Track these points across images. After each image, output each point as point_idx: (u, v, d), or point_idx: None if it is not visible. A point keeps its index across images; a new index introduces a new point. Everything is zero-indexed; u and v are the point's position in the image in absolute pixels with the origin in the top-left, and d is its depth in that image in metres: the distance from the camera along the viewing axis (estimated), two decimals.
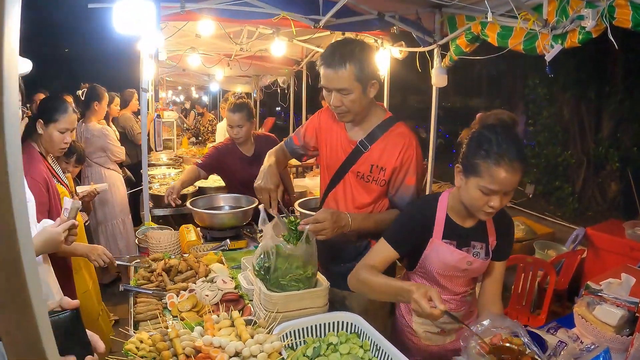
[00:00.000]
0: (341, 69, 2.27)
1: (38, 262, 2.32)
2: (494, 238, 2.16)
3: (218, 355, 1.74)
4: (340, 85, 2.31)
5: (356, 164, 2.54)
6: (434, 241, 2.12)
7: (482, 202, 1.91)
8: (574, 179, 8.21)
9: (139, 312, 2.31)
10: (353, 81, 2.30)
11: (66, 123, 2.97)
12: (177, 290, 2.50)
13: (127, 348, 1.83)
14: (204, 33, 4.94)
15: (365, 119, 2.53)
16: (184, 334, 1.89)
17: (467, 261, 2.12)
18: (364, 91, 2.35)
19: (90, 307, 3.36)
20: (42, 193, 2.73)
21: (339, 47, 2.33)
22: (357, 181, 2.55)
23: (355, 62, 2.28)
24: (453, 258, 2.11)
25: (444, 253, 2.12)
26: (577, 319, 2.36)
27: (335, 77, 2.30)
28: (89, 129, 5.51)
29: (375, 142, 2.49)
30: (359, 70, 2.29)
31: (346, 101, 2.35)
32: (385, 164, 2.46)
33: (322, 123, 2.72)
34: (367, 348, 1.94)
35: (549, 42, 3.18)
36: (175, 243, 3.17)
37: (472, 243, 2.14)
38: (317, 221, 2.28)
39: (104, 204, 5.58)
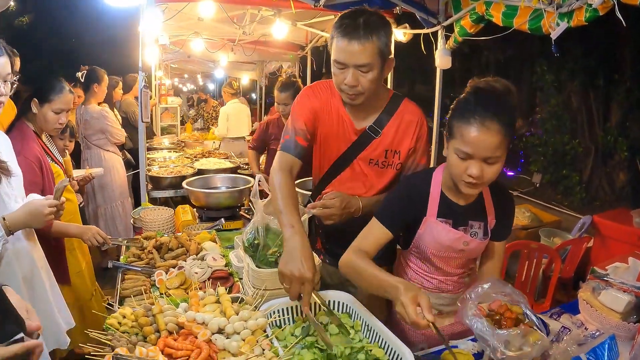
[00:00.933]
0: (367, 40, 1.96)
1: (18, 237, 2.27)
2: (493, 217, 2.02)
3: (201, 331, 1.69)
4: (363, 60, 2.00)
5: (366, 150, 2.30)
6: (428, 220, 1.98)
7: (459, 168, 1.78)
8: (582, 168, 8.09)
9: (125, 287, 2.26)
10: (376, 56, 2.01)
11: (61, 103, 2.92)
12: (167, 267, 2.45)
13: (108, 323, 1.78)
14: (205, 15, 4.87)
15: (373, 100, 2.23)
16: (168, 309, 1.84)
17: (463, 241, 1.98)
18: (382, 69, 2.07)
19: (83, 288, 3.32)
20: (35, 172, 2.69)
21: (360, 16, 2.01)
22: (370, 168, 2.33)
23: (380, 34, 1.99)
24: (448, 238, 1.98)
25: (439, 232, 1.98)
26: (581, 304, 2.27)
27: (359, 50, 1.97)
28: (88, 111, 5.47)
29: (386, 126, 2.27)
30: (383, 44, 2.01)
31: (364, 80, 2.04)
32: (399, 146, 2.27)
33: (315, 107, 2.32)
34: (358, 328, 1.88)
35: (554, 20, 3.08)
36: (169, 222, 3.12)
37: (470, 222, 2.00)
38: (326, 206, 2.18)
39: (103, 186, 5.54)
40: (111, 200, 5.63)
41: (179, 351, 1.61)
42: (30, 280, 2.32)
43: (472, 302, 1.68)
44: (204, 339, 1.66)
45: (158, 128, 9.02)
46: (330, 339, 1.79)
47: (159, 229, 3.04)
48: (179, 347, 1.63)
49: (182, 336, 1.71)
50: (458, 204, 1.99)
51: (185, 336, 1.71)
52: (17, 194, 2.29)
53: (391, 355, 1.69)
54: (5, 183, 2.18)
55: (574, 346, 1.94)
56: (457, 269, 2.13)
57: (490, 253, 2.10)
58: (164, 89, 10.09)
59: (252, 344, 1.64)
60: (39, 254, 2.46)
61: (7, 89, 2.11)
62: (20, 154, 2.58)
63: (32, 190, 2.59)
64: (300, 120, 2.28)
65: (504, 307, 1.69)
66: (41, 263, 2.46)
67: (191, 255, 2.58)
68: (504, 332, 1.59)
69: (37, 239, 2.49)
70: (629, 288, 2.17)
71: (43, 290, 2.39)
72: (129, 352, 1.57)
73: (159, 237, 2.74)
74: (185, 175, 4.73)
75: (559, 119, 8.22)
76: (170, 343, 1.64)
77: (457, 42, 4.40)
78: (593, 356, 1.86)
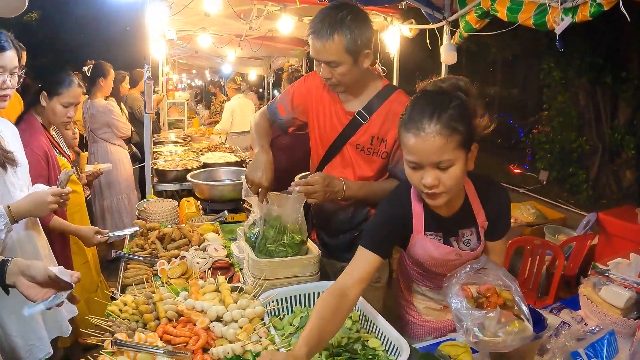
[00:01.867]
0: (329, 40, 2.06)
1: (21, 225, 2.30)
2: (484, 219, 1.90)
3: (199, 318, 1.71)
4: (327, 57, 2.11)
5: (355, 135, 2.37)
6: (416, 236, 1.89)
7: (415, 179, 1.66)
8: (589, 166, 8.01)
9: (127, 276, 2.29)
10: (342, 53, 2.09)
11: (70, 97, 2.95)
12: (169, 257, 2.47)
13: (109, 309, 1.81)
14: (211, 10, 4.88)
15: (361, 88, 2.34)
16: (168, 297, 1.86)
17: (455, 254, 1.90)
18: (355, 62, 2.15)
19: (88, 279, 3.36)
20: (41, 165, 2.72)
21: (327, 15, 2.11)
22: (357, 154, 2.40)
23: (345, 32, 2.06)
24: (439, 252, 1.90)
25: (429, 247, 1.90)
26: (582, 299, 2.26)
27: (322, 48, 2.09)
28: (94, 105, 5.50)
29: (374, 113, 2.32)
30: (349, 42, 2.08)
31: (336, 74, 2.16)
32: (386, 135, 2.32)
33: (310, 91, 2.48)
34: (355, 319, 1.89)
35: (559, 15, 3.07)
36: (172, 213, 3.15)
37: (460, 231, 1.91)
38: (309, 184, 2.19)
39: (109, 180, 5.58)
40: (117, 194, 5.67)
41: (177, 338, 1.64)
42: None
43: (457, 280, 1.62)
44: (202, 327, 1.69)
45: (165, 123, 9.06)
46: None
47: (162, 220, 3.06)
48: (177, 334, 1.65)
49: (181, 323, 1.74)
50: (444, 216, 1.87)
51: (185, 323, 1.74)
52: (23, 184, 2.32)
53: (388, 346, 1.70)
54: (11, 172, 2.21)
55: (572, 341, 1.93)
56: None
57: (491, 251, 2.00)
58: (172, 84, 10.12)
59: (249, 331, 1.66)
60: (42, 243, 2.49)
61: (13, 82, 2.14)
62: (28, 147, 2.61)
63: (39, 182, 2.62)
64: (289, 94, 2.55)
65: (492, 290, 1.60)
66: (45, 252, 2.48)
67: (193, 246, 2.60)
68: (479, 313, 1.51)
69: (41, 228, 2.52)
70: (630, 284, 2.15)
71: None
72: (128, 338, 1.59)
73: (162, 228, 2.76)
74: (190, 169, 4.75)
75: (566, 116, 8.15)
76: (169, 330, 1.67)
77: (462, 37, 4.39)
78: (592, 351, 1.85)
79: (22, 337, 2.25)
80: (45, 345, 2.35)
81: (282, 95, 2.60)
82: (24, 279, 1.49)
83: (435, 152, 1.56)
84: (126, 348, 1.51)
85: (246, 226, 2.24)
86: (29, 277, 1.50)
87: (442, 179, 1.60)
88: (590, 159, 8.01)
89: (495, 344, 1.48)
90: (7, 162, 2.16)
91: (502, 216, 1.95)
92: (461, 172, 1.62)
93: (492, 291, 1.59)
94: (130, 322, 1.75)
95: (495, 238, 1.96)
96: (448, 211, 1.85)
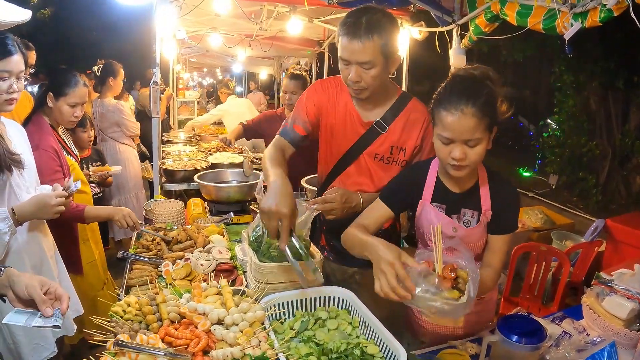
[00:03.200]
0: (368, 40, 2.04)
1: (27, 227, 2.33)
2: (489, 208, 2.02)
3: (201, 321, 1.73)
4: (364, 58, 2.08)
5: (372, 145, 2.36)
6: (423, 203, 2.09)
7: (444, 153, 1.87)
8: (598, 171, 7.98)
9: (132, 277, 2.31)
10: (378, 54, 2.07)
11: (76, 97, 2.97)
12: (174, 259, 2.49)
13: (113, 310, 1.83)
14: (220, 11, 4.92)
15: (379, 96, 2.31)
16: (171, 299, 1.88)
17: (452, 227, 2.04)
18: (385, 66, 2.14)
19: (95, 278, 3.38)
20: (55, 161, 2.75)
21: (363, 15, 2.08)
22: (375, 163, 2.39)
23: (382, 32, 2.05)
24: (438, 221, 2.00)
25: (431, 216, 2.06)
26: (585, 309, 2.26)
27: (360, 48, 2.06)
28: (104, 104, 5.55)
29: (392, 122, 2.33)
30: (386, 43, 2.07)
31: (367, 76, 2.12)
32: (405, 143, 2.33)
33: (322, 101, 2.42)
34: (356, 325, 1.90)
35: (568, 20, 3.05)
36: (179, 214, 3.17)
37: (463, 210, 2.05)
38: (326, 201, 2.23)
39: (117, 178, 5.61)
40: (125, 192, 5.71)
41: (178, 340, 1.65)
42: (40, 270, 2.38)
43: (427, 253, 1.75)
44: (204, 329, 1.70)
45: (175, 121, 9.10)
46: (328, 334, 1.83)
47: (169, 221, 3.09)
48: (179, 336, 1.66)
49: (183, 325, 1.75)
50: (452, 190, 2.05)
51: (186, 325, 1.75)
52: (29, 185, 2.34)
53: (386, 353, 1.71)
54: (17, 174, 2.23)
55: (572, 352, 1.94)
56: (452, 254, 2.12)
57: (490, 246, 2.06)
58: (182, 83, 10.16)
59: (249, 335, 1.67)
60: (48, 244, 2.51)
61: (20, 86, 2.17)
62: (38, 148, 2.65)
63: (57, 177, 2.67)
64: (303, 111, 2.42)
65: (451, 267, 1.70)
66: (51, 252, 2.51)
67: (198, 248, 2.62)
68: (421, 270, 1.65)
69: (48, 229, 2.55)
70: (634, 295, 2.14)
71: (52, 279, 2.44)
72: (130, 339, 1.61)
73: (168, 229, 2.78)
74: (198, 169, 4.78)
75: (576, 120, 8.12)
76: (170, 332, 1.68)
77: (472, 41, 4.38)
78: None
79: (27, 336, 2.28)
80: (50, 344, 2.38)
81: (293, 116, 2.45)
82: (11, 293, 1.46)
83: (469, 130, 1.78)
84: (128, 349, 1.53)
85: (250, 228, 2.23)
86: (15, 293, 1.47)
87: (469, 154, 1.82)
88: (600, 163, 7.97)
89: (428, 303, 1.60)
90: (13, 164, 2.18)
91: (508, 211, 2.03)
92: (484, 150, 1.84)
93: (450, 268, 1.69)
94: (134, 323, 1.77)
95: (496, 232, 2.04)
96: (458, 187, 2.04)
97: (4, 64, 2.08)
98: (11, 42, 2.11)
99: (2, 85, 2.09)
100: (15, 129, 2.40)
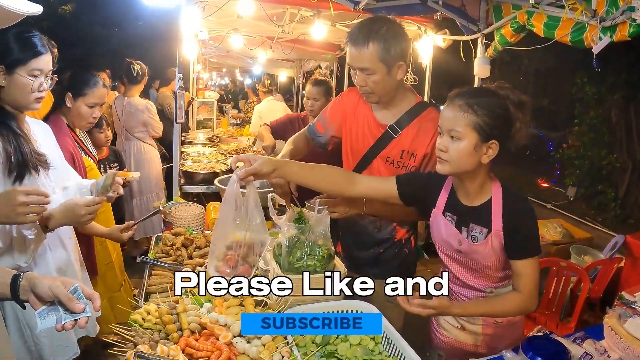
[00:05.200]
0: (363, 48, 2.21)
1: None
2: (500, 228, 1.94)
3: (222, 333, 1.72)
4: (362, 64, 2.25)
5: (386, 148, 2.47)
6: (436, 212, 2.12)
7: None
8: (618, 184, 7.87)
9: (151, 284, 2.31)
10: (376, 61, 2.23)
11: (95, 97, 2.96)
12: (194, 265, 2.47)
13: (132, 318, 1.82)
14: (243, 13, 4.91)
15: (394, 102, 2.45)
16: (192, 309, 1.88)
17: (457, 239, 2.04)
18: (388, 72, 2.28)
19: (112, 279, 3.39)
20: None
21: (365, 25, 2.27)
22: (386, 167, 2.48)
23: (379, 41, 2.20)
24: (446, 231, 2.07)
25: (441, 227, 2.09)
26: (606, 330, 2.22)
27: (357, 55, 2.24)
28: (131, 103, 5.56)
29: (406, 127, 2.43)
30: (383, 51, 2.21)
31: (369, 81, 2.29)
32: (416, 149, 2.41)
33: (345, 107, 2.62)
34: (378, 340, 1.88)
35: (597, 34, 3.02)
36: (199, 219, 3.16)
37: (471, 225, 2.02)
38: (329, 196, 2.26)
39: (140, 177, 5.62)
40: (147, 192, 5.74)
41: (199, 352, 1.64)
42: (65, 272, 2.38)
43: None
44: (225, 341, 1.69)
45: (194, 122, 9.12)
46: (350, 349, 1.81)
47: (188, 225, 3.07)
48: (199, 348, 1.66)
49: (204, 337, 1.74)
50: (463, 203, 2.06)
51: (207, 337, 1.74)
52: (55, 185, 2.35)
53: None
54: (43, 175, 2.24)
55: None
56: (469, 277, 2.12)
57: (514, 270, 2.00)
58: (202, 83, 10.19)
59: (271, 349, 1.66)
60: (72, 246, 2.52)
61: (48, 85, 2.18)
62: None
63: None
64: (327, 112, 2.71)
65: None
66: (74, 255, 2.52)
67: None
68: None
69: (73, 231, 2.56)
70: None
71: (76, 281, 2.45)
72: (150, 350, 1.60)
73: (188, 234, 2.77)
74: (217, 172, 4.77)
75: (597, 132, 8.01)
76: (191, 343, 1.67)
77: (497, 50, 4.34)
78: None
79: (50, 337, 2.29)
80: (72, 345, 2.39)
81: (320, 114, 2.78)
82: (33, 296, 1.44)
83: (451, 120, 1.87)
84: None
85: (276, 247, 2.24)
86: (37, 296, 1.43)
87: (450, 147, 1.88)
88: (620, 177, 7.86)
89: None
90: (39, 164, 2.19)
91: (522, 233, 1.94)
92: (467, 150, 1.86)
93: None
94: (153, 332, 1.76)
95: (514, 255, 1.96)
96: (468, 200, 2.04)
97: (35, 63, 2.10)
98: (42, 41, 2.14)
99: (34, 84, 2.11)
100: (40, 127, 2.41)
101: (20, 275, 1.46)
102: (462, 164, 1.90)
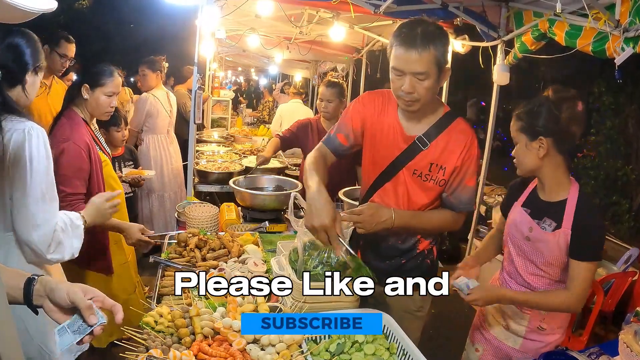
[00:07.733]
0: (424, 50, 2.05)
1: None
2: (569, 227, 2.11)
3: (236, 339, 1.69)
4: (420, 68, 2.08)
5: (413, 160, 2.34)
6: (516, 205, 2.35)
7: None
8: (632, 196, 7.79)
9: (164, 285, 2.29)
10: (433, 65, 2.09)
11: (113, 86, 2.97)
12: (207, 268, 2.45)
13: (145, 321, 1.81)
14: (262, 13, 4.91)
15: (426, 111, 2.31)
16: (205, 313, 1.85)
17: (529, 226, 2.22)
18: (438, 78, 2.15)
19: (127, 280, 3.33)
20: (83, 159, 2.73)
21: (418, 26, 2.10)
22: (413, 180, 2.36)
23: (438, 44, 2.08)
24: (520, 217, 2.28)
25: (517, 216, 2.30)
26: (621, 347, 2.19)
27: (417, 58, 2.06)
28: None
29: (435, 139, 2.31)
30: (441, 54, 2.09)
31: (420, 87, 2.12)
32: (446, 162, 2.30)
33: (367, 112, 2.44)
34: (393, 351, 1.86)
35: (620, 44, 2.98)
36: (213, 219, 3.14)
37: (545, 218, 2.20)
38: (354, 213, 2.20)
39: (160, 173, 5.67)
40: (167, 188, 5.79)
41: (212, 358, 1.61)
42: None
43: None
44: (239, 348, 1.67)
45: (208, 120, 9.13)
46: (365, 358, 1.79)
47: (202, 226, 3.05)
48: (212, 354, 1.63)
49: (217, 342, 1.71)
50: (540, 197, 2.27)
51: (220, 342, 1.71)
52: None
53: None
54: None
55: None
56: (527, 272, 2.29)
57: (570, 274, 2.14)
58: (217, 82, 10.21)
59: (286, 357, 1.64)
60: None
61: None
62: (70, 140, 2.66)
63: (77, 176, 2.67)
64: (348, 121, 2.48)
65: None
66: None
67: (232, 258, 2.58)
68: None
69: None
70: None
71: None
72: (162, 354, 1.59)
73: (202, 235, 2.75)
74: (232, 172, 4.76)
75: (613, 142, 7.93)
76: (204, 348, 1.65)
77: (516, 58, 4.32)
78: None
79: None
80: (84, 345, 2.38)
81: (338, 125, 2.52)
82: (49, 302, 1.39)
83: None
84: None
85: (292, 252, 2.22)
86: (53, 302, 1.39)
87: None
88: (635, 188, 7.78)
89: None
90: None
91: (588, 236, 2.10)
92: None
93: None
94: (165, 335, 1.74)
95: (575, 254, 2.11)
96: (545, 196, 2.25)
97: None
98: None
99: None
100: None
101: (35, 279, 1.41)
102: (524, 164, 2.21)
